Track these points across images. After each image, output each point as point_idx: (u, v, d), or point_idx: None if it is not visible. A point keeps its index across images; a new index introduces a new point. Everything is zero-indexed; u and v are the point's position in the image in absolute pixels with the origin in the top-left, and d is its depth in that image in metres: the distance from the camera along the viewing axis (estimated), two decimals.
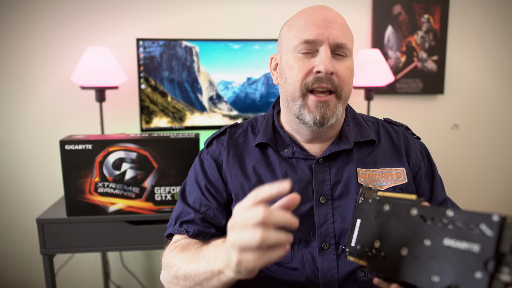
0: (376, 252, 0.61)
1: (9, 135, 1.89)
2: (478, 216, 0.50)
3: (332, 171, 0.85)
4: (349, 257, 0.67)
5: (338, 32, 0.79)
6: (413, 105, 2.15)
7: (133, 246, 1.41)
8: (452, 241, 0.52)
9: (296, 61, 0.81)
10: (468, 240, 0.50)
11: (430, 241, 0.54)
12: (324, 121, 0.80)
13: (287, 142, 0.88)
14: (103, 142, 1.29)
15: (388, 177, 0.86)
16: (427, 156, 0.94)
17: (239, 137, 0.93)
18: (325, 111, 0.80)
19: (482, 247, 0.49)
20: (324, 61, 0.77)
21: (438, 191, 0.91)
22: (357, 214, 0.68)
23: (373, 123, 0.95)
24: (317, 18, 0.80)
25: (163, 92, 1.73)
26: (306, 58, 0.80)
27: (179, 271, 0.74)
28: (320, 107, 0.80)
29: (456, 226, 0.52)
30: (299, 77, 0.80)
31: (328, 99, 0.80)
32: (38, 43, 1.85)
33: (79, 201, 1.32)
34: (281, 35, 0.87)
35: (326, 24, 0.79)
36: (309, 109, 0.80)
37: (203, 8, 1.93)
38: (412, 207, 0.58)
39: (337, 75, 0.80)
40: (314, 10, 0.82)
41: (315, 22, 0.79)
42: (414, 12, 2.06)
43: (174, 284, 0.77)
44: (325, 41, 0.79)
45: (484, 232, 0.49)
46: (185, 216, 0.87)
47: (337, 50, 0.80)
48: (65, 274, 1.95)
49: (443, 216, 0.54)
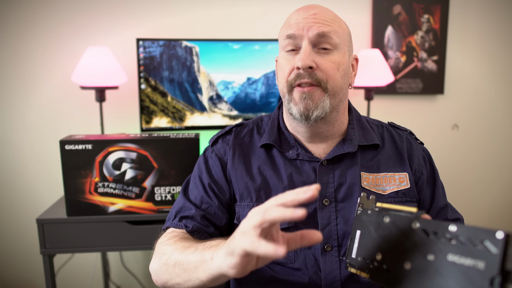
0: (378, 264, 0.61)
1: (9, 135, 1.89)
2: (482, 232, 0.50)
3: (336, 174, 0.85)
4: (351, 269, 0.67)
5: (318, 24, 0.79)
6: (413, 105, 2.16)
7: (133, 246, 1.41)
8: (456, 257, 0.52)
9: (284, 60, 0.82)
10: (473, 257, 0.50)
11: (434, 256, 0.54)
12: (309, 112, 0.80)
13: (292, 143, 0.88)
14: (103, 142, 1.29)
15: (391, 181, 0.86)
16: (429, 161, 0.94)
17: (244, 136, 0.93)
18: (308, 102, 0.79)
19: (487, 264, 0.48)
20: (302, 56, 0.78)
21: (439, 197, 0.91)
22: (357, 225, 0.67)
23: (378, 127, 0.95)
24: (300, 15, 0.81)
25: (163, 92, 1.73)
26: (291, 56, 0.81)
27: (170, 258, 0.73)
28: (304, 98, 0.79)
29: (459, 241, 0.52)
30: (284, 75, 0.82)
31: (311, 90, 0.79)
32: (38, 43, 1.85)
33: (79, 201, 1.32)
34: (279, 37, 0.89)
35: (307, 20, 0.80)
36: (295, 101, 0.81)
37: (203, 8, 1.93)
38: (414, 220, 0.58)
39: (320, 69, 0.79)
40: (300, 9, 0.83)
41: (297, 19, 0.81)
42: (414, 12, 2.06)
43: (162, 272, 0.75)
44: (305, 36, 0.79)
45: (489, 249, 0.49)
46: (186, 212, 0.87)
47: (320, 43, 0.80)
48: (65, 274, 1.95)
49: (446, 231, 0.54)
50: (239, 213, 0.87)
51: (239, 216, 0.86)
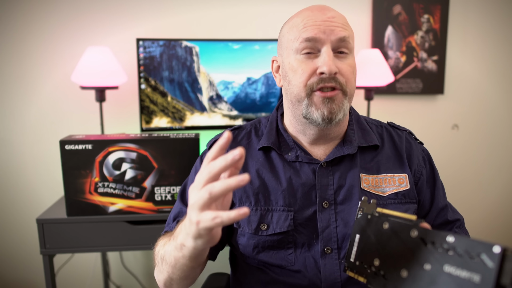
0: (375, 270, 0.62)
1: (9, 135, 1.89)
2: (479, 245, 0.50)
3: (335, 176, 0.85)
4: (348, 272, 0.67)
5: (339, 28, 0.79)
6: (413, 105, 2.15)
7: (133, 246, 1.41)
8: (452, 268, 0.52)
9: (299, 63, 0.80)
10: (469, 269, 0.50)
11: (431, 265, 0.54)
12: (332, 116, 0.80)
13: (291, 145, 0.87)
14: (103, 142, 1.29)
15: (391, 183, 0.86)
16: (429, 161, 0.93)
17: (242, 139, 0.92)
18: (331, 106, 0.79)
19: (482, 278, 0.49)
20: (327, 62, 0.77)
21: (439, 197, 0.91)
22: (356, 229, 0.68)
23: (377, 127, 0.94)
24: (317, 16, 0.80)
25: (163, 92, 1.73)
26: (309, 59, 0.80)
27: (159, 255, 0.77)
28: (327, 102, 0.79)
29: (456, 253, 0.52)
30: (303, 79, 0.80)
31: (334, 94, 0.79)
32: (38, 43, 1.85)
33: (79, 201, 1.32)
34: (281, 37, 0.86)
35: (327, 23, 0.79)
36: (316, 106, 0.80)
37: (203, 8, 1.93)
38: (412, 228, 0.58)
39: (340, 73, 0.79)
40: (313, 10, 0.82)
41: (315, 21, 0.79)
42: (414, 12, 2.06)
43: (157, 274, 0.79)
44: (326, 40, 0.78)
45: (485, 262, 0.49)
46: (183, 216, 0.87)
47: (339, 47, 0.80)
48: (65, 274, 1.95)
49: (443, 241, 0.54)
50: None
51: (239, 220, 0.86)
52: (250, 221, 0.84)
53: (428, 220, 0.90)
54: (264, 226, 0.83)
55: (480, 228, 2.28)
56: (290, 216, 0.82)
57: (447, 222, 0.90)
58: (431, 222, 0.90)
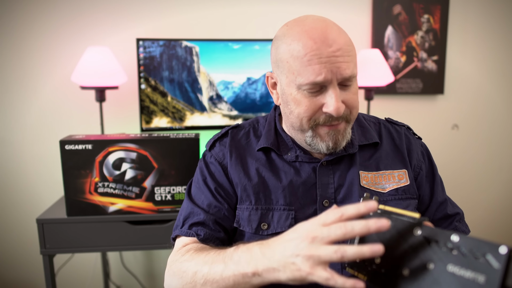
0: (376, 268, 0.61)
1: (9, 135, 1.89)
2: (485, 245, 0.49)
3: (336, 175, 0.85)
4: (349, 270, 0.66)
5: (345, 65, 0.74)
6: (413, 105, 2.16)
7: (133, 246, 1.41)
8: (456, 268, 0.51)
9: (303, 98, 0.77)
10: (473, 270, 0.49)
11: (434, 265, 0.53)
12: (337, 146, 0.80)
13: (290, 145, 0.87)
14: (103, 142, 1.29)
15: (390, 179, 0.86)
16: (428, 156, 0.93)
17: (241, 139, 0.91)
18: (337, 137, 0.79)
19: (487, 279, 0.48)
20: (335, 104, 0.74)
21: (438, 192, 0.91)
22: None
23: (375, 123, 0.94)
24: (321, 51, 0.73)
25: (163, 92, 1.73)
26: (313, 95, 0.76)
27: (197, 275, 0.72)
28: (332, 135, 0.79)
29: (461, 252, 0.51)
30: (307, 114, 0.77)
31: (338, 126, 0.79)
32: (38, 43, 1.85)
33: (79, 201, 1.32)
34: (277, 56, 0.79)
35: (332, 59, 0.73)
36: (321, 137, 0.80)
37: (203, 8, 1.93)
38: (416, 227, 0.57)
39: (346, 105, 0.77)
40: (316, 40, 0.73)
41: (320, 57, 0.73)
42: (414, 12, 2.06)
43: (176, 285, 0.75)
44: (333, 79, 0.74)
45: (491, 263, 0.48)
46: (194, 217, 0.85)
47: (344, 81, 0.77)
48: (65, 274, 1.95)
49: (447, 240, 0.53)
50: (238, 216, 0.85)
51: (239, 220, 0.85)
52: (251, 221, 0.83)
53: (428, 214, 0.90)
54: (265, 225, 0.83)
55: (480, 228, 2.28)
56: (291, 215, 0.82)
57: (447, 216, 0.90)
58: (431, 217, 0.90)
